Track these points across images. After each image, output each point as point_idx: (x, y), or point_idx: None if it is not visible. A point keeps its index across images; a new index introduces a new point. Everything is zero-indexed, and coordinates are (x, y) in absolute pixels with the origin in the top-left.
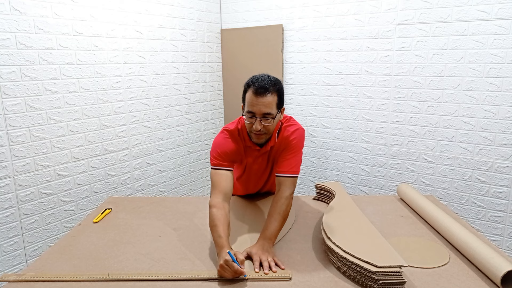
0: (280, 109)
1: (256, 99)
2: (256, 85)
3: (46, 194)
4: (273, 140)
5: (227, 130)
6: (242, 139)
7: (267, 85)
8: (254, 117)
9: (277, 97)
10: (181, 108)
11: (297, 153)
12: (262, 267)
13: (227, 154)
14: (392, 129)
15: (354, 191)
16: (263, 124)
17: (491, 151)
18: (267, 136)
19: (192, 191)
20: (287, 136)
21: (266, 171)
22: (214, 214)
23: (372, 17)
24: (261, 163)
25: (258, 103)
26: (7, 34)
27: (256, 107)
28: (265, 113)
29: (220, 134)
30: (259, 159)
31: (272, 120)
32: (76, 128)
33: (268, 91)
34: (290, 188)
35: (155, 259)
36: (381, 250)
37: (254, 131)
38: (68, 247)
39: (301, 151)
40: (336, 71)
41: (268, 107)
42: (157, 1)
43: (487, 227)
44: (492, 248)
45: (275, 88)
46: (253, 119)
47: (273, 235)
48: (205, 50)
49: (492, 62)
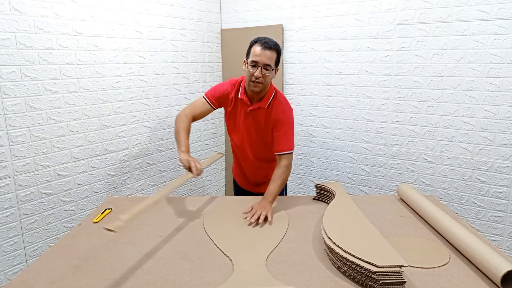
0: (276, 67)
1: (261, 51)
2: (263, 41)
3: (46, 194)
4: (264, 102)
5: (231, 79)
6: (237, 89)
7: (271, 43)
8: (256, 66)
9: (276, 55)
10: (181, 108)
11: (287, 131)
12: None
13: (219, 93)
14: (392, 129)
15: (354, 191)
16: (263, 74)
17: (491, 151)
18: (263, 87)
19: (192, 191)
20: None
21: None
22: (181, 121)
23: (372, 17)
24: (249, 120)
25: (262, 54)
26: (7, 34)
27: (260, 57)
28: (266, 64)
29: (226, 81)
30: (249, 117)
31: (270, 72)
32: (76, 128)
33: (271, 47)
34: (287, 160)
35: (155, 259)
36: (381, 250)
37: (254, 79)
38: (68, 247)
39: (292, 129)
40: (336, 71)
41: (269, 59)
42: (157, 1)
43: (487, 227)
44: (492, 248)
45: (276, 47)
46: (255, 68)
47: (272, 195)
48: (205, 50)
49: (492, 62)
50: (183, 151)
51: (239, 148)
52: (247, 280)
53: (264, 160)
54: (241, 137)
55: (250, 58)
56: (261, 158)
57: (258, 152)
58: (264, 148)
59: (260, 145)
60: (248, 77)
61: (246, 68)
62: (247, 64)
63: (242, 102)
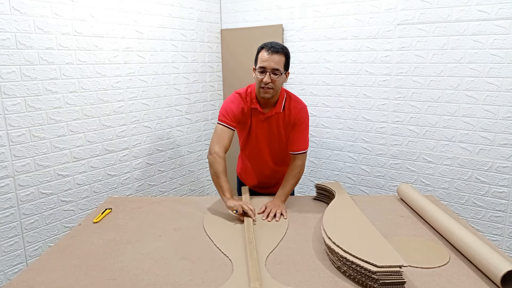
0: (286, 71)
1: (268, 56)
2: (269, 46)
3: (46, 194)
4: (278, 107)
5: (237, 92)
6: (249, 100)
7: (278, 47)
8: (264, 71)
9: (284, 59)
10: (181, 108)
11: (304, 130)
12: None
13: (233, 112)
14: (392, 129)
15: (354, 191)
16: (272, 79)
17: (491, 151)
18: (274, 92)
19: (192, 191)
20: (295, 114)
21: (269, 138)
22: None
23: (372, 17)
24: (264, 127)
25: (269, 59)
26: (7, 34)
27: (267, 63)
28: (274, 69)
29: (230, 95)
30: (264, 124)
31: (279, 77)
32: (76, 128)
33: (279, 51)
34: (302, 159)
35: (155, 259)
36: (381, 250)
37: (263, 85)
38: (68, 247)
39: (308, 127)
40: (336, 71)
41: (277, 64)
42: (157, 1)
43: (487, 227)
44: (492, 248)
45: (284, 50)
46: (264, 74)
47: (285, 195)
48: (205, 50)
49: (492, 62)
50: (229, 198)
51: (255, 156)
52: (247, 280)
53: (284, 164)
54: (256, 146)
55: (258, 65)
56: (281, 162)
57: (277, 158)
58: (284, 152)
59: (280, 150)
60: (258, 83)
61: (255, 75)
62: (255, 71)
63: (255, 111)
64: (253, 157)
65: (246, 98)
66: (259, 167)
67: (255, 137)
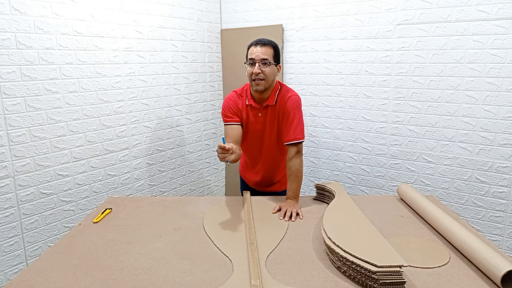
0: (277, 63)
1: (255, 48)
2: (257, 40)
3: (46, 194)
4: (270, 100)
5: (234, 91)
6: (245, 97)
7: (265, 40)
8: (254, 63)
9: (273, 51)
10: (181, 108)
11: (294, 118)
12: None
13: (231, 108)
14: (392, 129)
15: (354, 191)
16: (261, 69)
17: (491, 151)
18: (265, 84)
19: (192, 191)
20: (284, 103)
21: (265, 132)
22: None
23: (372, 17)
24: (260, 122)
25: (257, 51)
26: (7, 34)
27: (255, 54)
28: (263, 59)
29: (227, 95)
30: (259, 119)
31: (269, 67)
32: (76, 128)
33: (266, 43)
34: (295, 150)
35: (155, 259)
36: (381, 250)
37: (254, 77)
38: (68, 247)
39: (300, 117)
40: (336, 71)
41: (265, 54)
42: (157, 1)
43: (487, 227)
44: (492, 248)
45: (272, 43)
46: (254, 66)
47: (294, 193)
48: (205, 50)
49: (492, 62)
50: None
51: (253, 151)
52: (247, 280)
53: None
54: (254, 141)
55: (247, 57)
56: (279, 157)
57: (277, 153)
58: (282, 146)
59: (277, 144)
60: (249, 76)
61: (247, 71)
62: (246, 66)
63: (251, 107)
64: (251, 153)
65: (242, 94)
66: (258, 163)
67: (252, 133)
